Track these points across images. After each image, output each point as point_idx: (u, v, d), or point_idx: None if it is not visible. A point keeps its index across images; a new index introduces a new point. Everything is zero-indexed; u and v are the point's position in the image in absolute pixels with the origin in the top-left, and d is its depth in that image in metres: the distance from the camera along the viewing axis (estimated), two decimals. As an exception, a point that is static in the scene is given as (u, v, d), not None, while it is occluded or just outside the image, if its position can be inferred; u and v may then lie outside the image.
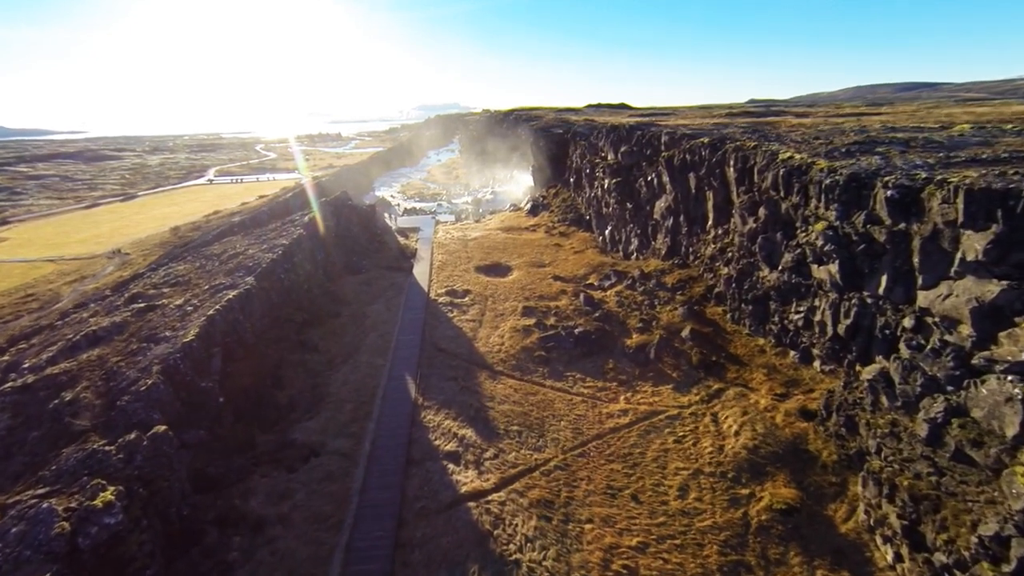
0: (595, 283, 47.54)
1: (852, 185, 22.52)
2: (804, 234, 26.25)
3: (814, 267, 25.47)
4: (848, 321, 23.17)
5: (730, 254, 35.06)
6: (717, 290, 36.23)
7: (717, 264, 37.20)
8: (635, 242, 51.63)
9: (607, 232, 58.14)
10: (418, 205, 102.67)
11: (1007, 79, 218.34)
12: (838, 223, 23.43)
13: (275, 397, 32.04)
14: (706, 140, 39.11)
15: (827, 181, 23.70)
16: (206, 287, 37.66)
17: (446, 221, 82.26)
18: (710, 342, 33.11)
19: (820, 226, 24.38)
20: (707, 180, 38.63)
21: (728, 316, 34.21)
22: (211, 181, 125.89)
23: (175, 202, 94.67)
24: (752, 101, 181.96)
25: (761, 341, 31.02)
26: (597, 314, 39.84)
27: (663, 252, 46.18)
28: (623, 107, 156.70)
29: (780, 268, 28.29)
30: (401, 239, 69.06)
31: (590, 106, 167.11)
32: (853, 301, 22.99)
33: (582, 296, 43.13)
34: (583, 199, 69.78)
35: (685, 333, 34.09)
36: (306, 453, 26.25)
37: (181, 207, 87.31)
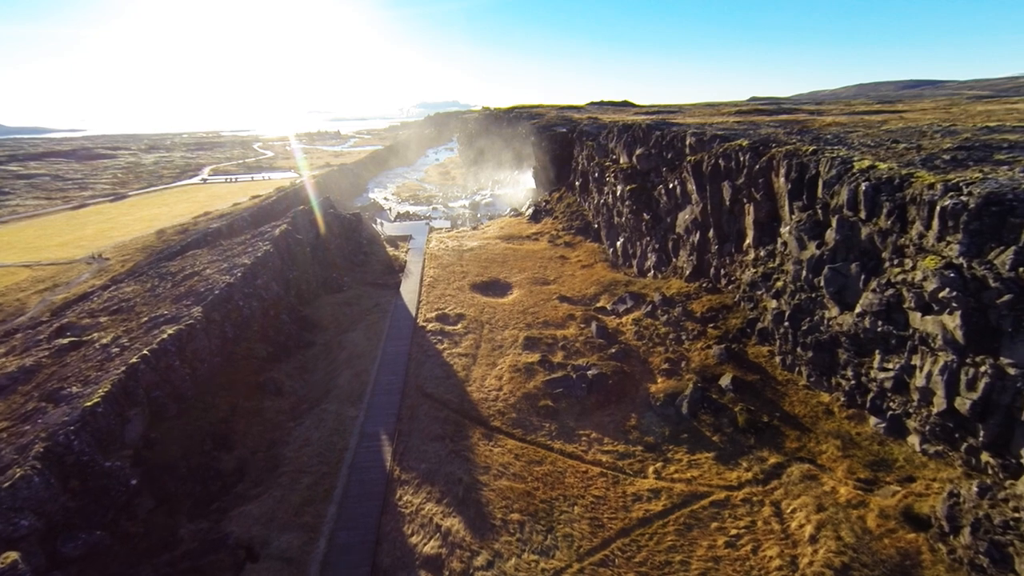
0: (608, 307, 41.15)
1: (991, 210, 16.08)
2: (899, 270, 19.80)
3: (915, 315, 19.05)
4: (975, 395, 16.77)
5: (780, 283, 28.61)
6: (760, 326, 29.80)
7: (760, 293, 30.75)
8: (652, 258, 45.18)
9: (619, 244, 51.68)
10: (412, 209, 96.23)
11: (1010, 76, 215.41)
12: (962, 260, 17.00)
13: (218, 462, 25.76)
14: (744, 143, 32.62)
15: (947, 203, 17.24)
16: (145, 319, 31.35)
17: (441, 228, 75.88)
18: (758, 395, 26.70)
19: (931, 262, 17.93)
20: (746, 191, 32.18)
21: (778, 360, 27.78)
22: (205, 180, 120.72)
23: (166, 202, 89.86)
24: (754, 99, 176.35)
25: (826, 398, 24.60)
26: (613, 349, 33.47)
27: (687, 272, 39.73)
28: (627, 105, 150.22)
29: (858, 311, 21.84)
30: (390, 249, 62.69)
31: (593, 103, 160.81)
32: (983, 368, 16.59)
33: (594, 324, 36.76)
34: (591, 205, 63.27)
35: (725, 382, 27.68)
36: (240, 557, 19.94)
37: (171, 208, 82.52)
